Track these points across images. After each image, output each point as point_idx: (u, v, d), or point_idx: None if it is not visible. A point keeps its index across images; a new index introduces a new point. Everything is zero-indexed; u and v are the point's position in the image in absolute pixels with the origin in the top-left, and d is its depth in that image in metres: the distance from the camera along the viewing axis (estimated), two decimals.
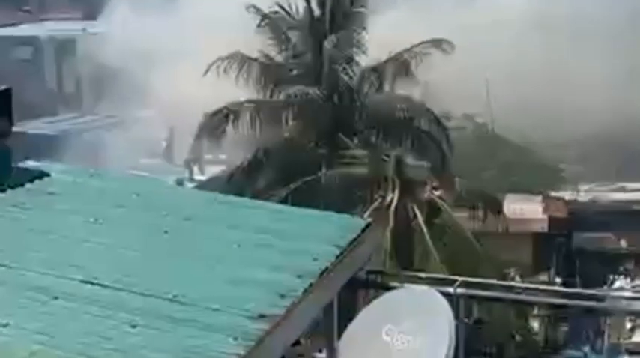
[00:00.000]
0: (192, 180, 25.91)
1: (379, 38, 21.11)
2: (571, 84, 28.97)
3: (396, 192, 17.02)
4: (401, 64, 20.54)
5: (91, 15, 37.44)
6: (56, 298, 4.10)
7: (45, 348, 3.71)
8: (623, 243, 23.31)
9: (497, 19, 30.41)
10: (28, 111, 30.46)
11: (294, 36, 21.47)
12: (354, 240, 5.00)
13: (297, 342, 4.67)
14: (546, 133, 27.98)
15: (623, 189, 26.31)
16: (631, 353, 16.69)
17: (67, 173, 5.59)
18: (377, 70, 20.77)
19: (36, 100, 31.34)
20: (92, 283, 4.25)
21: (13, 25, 36.67)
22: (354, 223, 5.28)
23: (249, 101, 20.57)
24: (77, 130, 30.27)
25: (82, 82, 35.52)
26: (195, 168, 26.81)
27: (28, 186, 5.30)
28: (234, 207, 5.49)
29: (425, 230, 16.72)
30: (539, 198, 24.58)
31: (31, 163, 5.72)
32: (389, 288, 6.40)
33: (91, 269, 4.38)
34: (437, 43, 20.65)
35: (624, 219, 23.80)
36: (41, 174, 5.44)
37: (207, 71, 21.12)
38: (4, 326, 3.84)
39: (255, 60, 20.95)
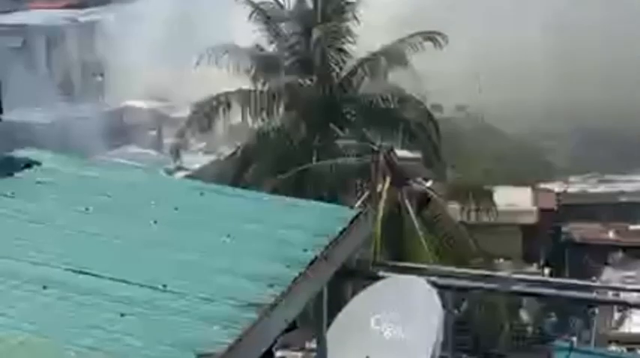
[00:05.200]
0: (182, 169, 25.88)
1: (371, 29, 21.10)
2: (564, 78, 29.03)
3: (387, 182, 17.06)
4: (393, 56, 20.54)
5: (83, 4, 37.25)
6: (45, 287, 4.10)
7: (33, 337, 3.72)
8: (612, 235, 23.42)
9: (490, 11, 30.43)
10: (18, 99, 30.33)
11: (285, 27, 21.45)
12: (344, 230, 5.01)
13: (291, 329, 4.67)
14: (537, 126, 28.08)
15: (611, 181, 26.44)
16: (619, 343, 16.76)
17: (57, 162, 5.57)
18: (369, 61, 20.77)
19: (27, 89, 31.20)
20: (81, 272, 4.25)
21: (3, 12, 36.45)
22: (345, 213, 5.28)
23: (239, 91, 20.55)
24: (68, 119, 30.15)
25: (74, 70, 35.36)
26: (185, 158, 26.78)
27: (17, 175, 5.29)
28: (223, 196, 5.49)
29: (415, 220, 16.76)
30: (529, 189, 24.67)
31: (20, 152, 5.69)
32: (378, 278, 6.42)
33: (81, 258, 4.38)
34: (429, 36, 20.65)
35: (612, 211, 23.93)
36: (30, 163, 5.42)
37: (198, 61, 21.09)
38: None
39: (247, 50, 20.93)
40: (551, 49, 29.79)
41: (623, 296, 8.21)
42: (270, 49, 21.40)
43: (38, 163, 5.44)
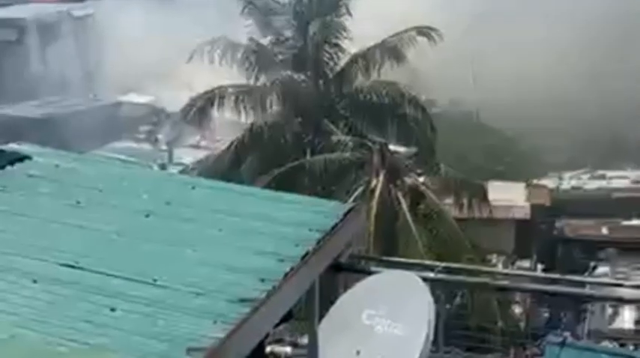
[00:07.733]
0: (175, 164, 25.85)
1: (366, 24, 21.09)
2: (557, 74, 29.07)
3: (381, 178, 17.06)
4: (388, 51, 20.52)
5: None
6: (35, 281, 4.10)
7: (24, 331, 3.72)
8: (605, 231, 23.44)
9: (489, 8, 30.45)
10: (12, 93, 30.27)
11: (279, 21, 21.42)
12: (337, 225, 5.01)
13: (286, 319, 4.66)
14: (532, 123, 28.13)
15: (604, 177, 26.49)
16: (612, 339, 16.80)
17: (49, 156, 5.57)
18: (363, 56, 20.75)
19: (20, 83, 31.12)
20: (72, 266, 4.25)
21: None
22: (337, 208, 5.28)
23: (233, 86, 20.53)
24: (61, 113, 30.07)
25: (68, 64, 35.27)
26: (179, 153, 26.76)
27: (8, 168, 5.28)
28: (216, 191, 5.49)
29: (408, 216, 16.77)
30: (523, 185, 24.68)
31: (12, 146, 5.67)
32: (370, 273, 6.43)
33: (72, 252, 4.38)
34: (423, 31, 20.65)
35: (606, 207, 23.96)
36: (22, 157, 5.41)
37: (192, 55, 21.06)
38: None
39: (241, 45, 20.90)
40: (547, 47, 29.82)
41: (616, 291, 8.23)
42: (265, 43, 21.37)
43: (30, 157, 5.43)
